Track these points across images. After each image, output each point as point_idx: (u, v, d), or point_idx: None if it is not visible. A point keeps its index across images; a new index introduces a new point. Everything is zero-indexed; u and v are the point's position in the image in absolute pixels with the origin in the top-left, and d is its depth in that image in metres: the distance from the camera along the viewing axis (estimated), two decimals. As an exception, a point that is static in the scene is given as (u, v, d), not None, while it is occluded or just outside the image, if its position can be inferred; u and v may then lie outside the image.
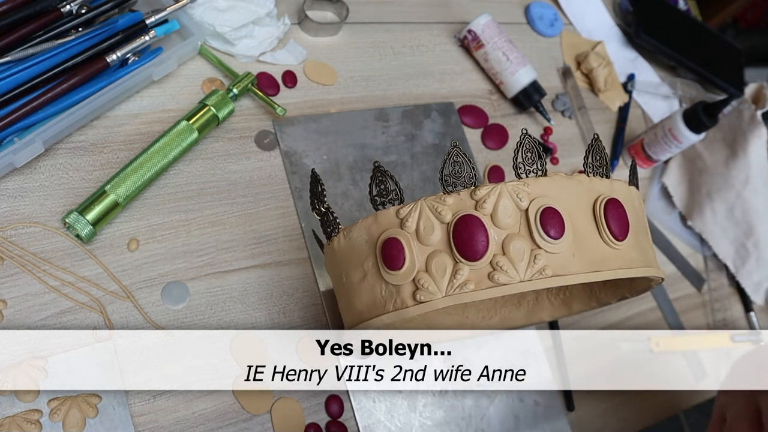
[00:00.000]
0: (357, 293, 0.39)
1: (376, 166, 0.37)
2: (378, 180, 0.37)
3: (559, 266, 0.35)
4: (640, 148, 0.79)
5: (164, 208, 0.52)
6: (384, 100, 0.67)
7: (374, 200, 0.37)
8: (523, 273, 0.34)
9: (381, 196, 0.37)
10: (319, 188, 0.41)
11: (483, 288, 0.34)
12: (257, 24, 0.61)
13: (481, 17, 0.73)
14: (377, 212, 0.37)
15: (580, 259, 0.35)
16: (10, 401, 0.42)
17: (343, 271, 0.40)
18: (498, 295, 0.34)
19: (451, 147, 0.36)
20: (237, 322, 0.51)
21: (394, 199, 0.37)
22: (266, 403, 0.49)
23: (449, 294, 0.35)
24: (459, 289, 0.35)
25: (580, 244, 0.35)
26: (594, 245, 0.36)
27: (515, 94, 0.73)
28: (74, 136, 0.52)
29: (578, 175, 0.37)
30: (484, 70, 0.75)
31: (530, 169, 0.36)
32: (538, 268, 0.34)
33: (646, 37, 0.88)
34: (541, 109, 0.74)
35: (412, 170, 0.64)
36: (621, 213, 0.37)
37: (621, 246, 0.37)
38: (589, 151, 0.38)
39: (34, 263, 0.47)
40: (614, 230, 0.36)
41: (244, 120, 0.59)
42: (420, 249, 0.36)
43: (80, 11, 0.52)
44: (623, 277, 0.37)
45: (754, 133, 0.79)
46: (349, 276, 0.39)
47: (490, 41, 0.73)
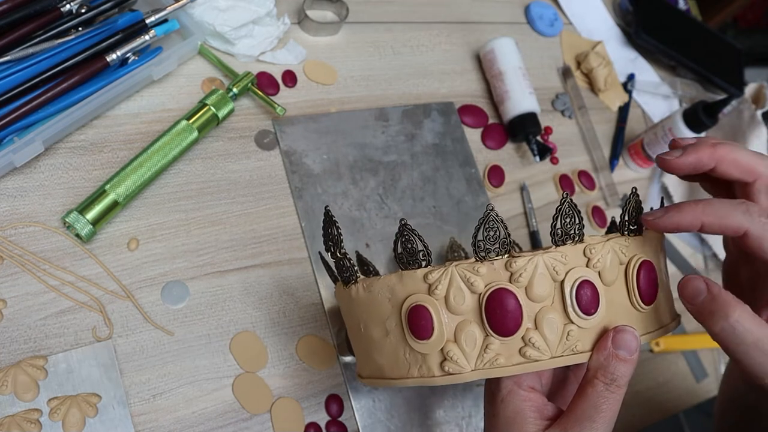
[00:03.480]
0: (377, 348, 0.37)
1: (403, 224, 0.35)
2: (405, 238, 0.35)
3: (589, 341, 0.34)
4: (640, 148, 0.79)
5: (164, 208, 0.52)
6: (384, 100, 0.67)
7: (399, 258, 0.35)
8: (555, 349, 0.33)
9: (408, 255, 0.35)
10: (335, 232, 0.39)
11: (513, 364, 0.34)
12: (257, 23, 0.61)
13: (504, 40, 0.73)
14: (402, 272, 0.35)
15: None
16: (10, 401, 0.42)
17: (361, 321, 0.38)
18: (528, 371, 0.34)
19: (488, 210, 0.34)
20: (237, 321, 0.51)
21: (421, 260, 0.35)
22: (266, 403, 0.49)
23: (478, 368, 0.34)
24: (489, 364, 0.34)
25: (610, 315, 0.35)
26: (624, 312, 0.35)
27: (512, 117, 0.71)
28: (74, 136, 0.52)
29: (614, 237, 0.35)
30: (490, 88, 0.75)
31: (568, 236, 0.34)
32: (570, 345, 0.34)
33: (646, 36, 0.88)
34: (532, 144, 0.70)
35: (412, 170, 0.64)
36: (653, 277, 0.36)
37: (648, 308, 0.36)
38: (626, 209, 0.36)
39: (33, 263, 0.47)
40: (645, 295, 0.35)
41: (244, 119, 0.59)
42: (449, 317, 0.34)
43: (80, 11, 0.52)
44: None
45: (754, 132, 0.80)
46: (368, 328, 0.38)
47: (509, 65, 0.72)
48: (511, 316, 0.33)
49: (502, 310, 0.33)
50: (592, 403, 0.33)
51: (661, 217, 0.34)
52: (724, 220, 0.32)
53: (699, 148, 0.35)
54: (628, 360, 0.33)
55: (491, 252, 0.34)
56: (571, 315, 0.33)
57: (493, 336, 0.33)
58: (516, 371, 0.34)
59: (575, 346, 0.34)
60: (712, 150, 0.35)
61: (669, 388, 0.70)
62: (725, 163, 0.35)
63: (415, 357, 0.35)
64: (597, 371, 0.33)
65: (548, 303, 0.34)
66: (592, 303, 0.34)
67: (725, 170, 0.35)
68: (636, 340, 0.33)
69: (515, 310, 0.33)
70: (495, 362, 0.34)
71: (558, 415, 0.34)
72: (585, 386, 0.33)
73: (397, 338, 0.36)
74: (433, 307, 0.34)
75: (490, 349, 0.34)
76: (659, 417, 0.68)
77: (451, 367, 0.34)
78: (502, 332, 0.33)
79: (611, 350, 0.33)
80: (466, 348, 0.34)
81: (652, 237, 0.38)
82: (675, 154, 0.35)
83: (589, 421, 0.32)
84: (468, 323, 0.34)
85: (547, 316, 0.33)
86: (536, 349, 0.33)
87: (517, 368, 0.34)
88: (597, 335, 0.34)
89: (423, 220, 0.62)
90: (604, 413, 0.33)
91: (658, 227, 0.34)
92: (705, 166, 0.35)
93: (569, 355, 0.34)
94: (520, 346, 0.34)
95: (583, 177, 0.76)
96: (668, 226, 0.34)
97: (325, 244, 0.39)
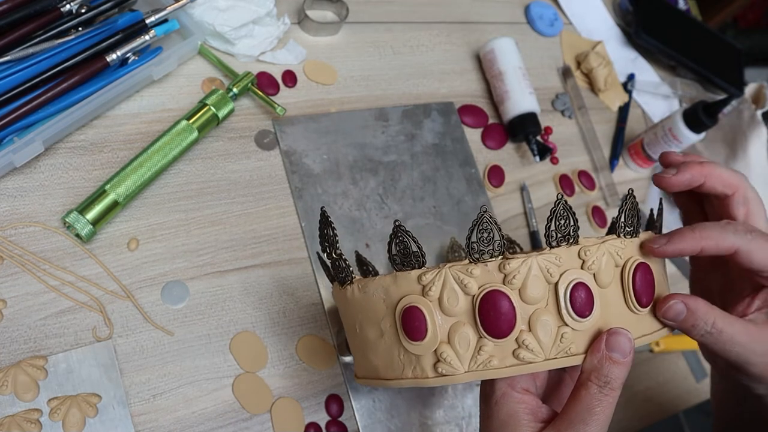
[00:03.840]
0: (372, 349, 0.38)
1: (397, 225, 0.35)
2: (398, 240, 0.35)
3: (583, 343, 0.34)
4: (640, 148, 0.79)
5: (164, 208, 0.52)
6: (384, 100, 0.67)
7: (393, 259, 0.36)
8: (549, 351, 0.33)
9: (402, 257, 0.35)
10: (331, 232, 0.39)
11: (507, 366, 0.34)
12: (257, 23, 0.61)
13: (504, 40, 0.73)
14: (397, 273, 0.35)
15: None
16: (10, 401, 0.42)
17: (357, 321, 0.38)
18: (522, 373, 0.34)
19: (481, 212, 0.34)
20: (237, 321, 0.51)
21: (414, 262, 0.35)
22: (266, 403, 0.49)
23: (472, 370, 0.34)
24: (483, 366, 0.34)
25: (605, 317, 0.35)
26: (618, 314, 0.35)
27: (512, 117, 0.71)
28: (74, 136, 0.52)
29: (609, 239, 0.36)
30: (490, 88, 0.75)
31: (562, 237, 0.34)
32: (564, 347, 0.34)
33: (646, 36, 0.88)
34: (532, 144, 0.70)
35: (411, 170, 0.64)
36: (649, 279, 0.36)
37: (644, 311, 0.36)
38: (622, 210, 0.36)
39: (33, 263, 0.47)
40: (641, 298, 0.35)
41: (244, 119, 0.59)
42: (443, 319, 0.34)
43: (80, 11, 0.52)
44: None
45: (754, 132, 0.80)
46: (363, 328, 0.38)
47: (509, 65, 0.72)
48: (504, 317, 0.33)
49: (495, 312, 0.33)
50: (585, 405, 0.33)
51: (665, 245, 0.36)
52: (720, 242, 0.36)
53: (690, 166, 0.39)
54: (621, 362, 0.33)
55: (485, 254, 0.34)
56: (565, 317, 0.33)
57: (486, 338, 0.33)
58: (509, 373, 0.34)
59: (569, 348, 0.34)
60: (701, 167, 0.39)
61: (669, 388, 0.70)
62: (712, 179, 0.39)
63: (409, 358, 0.36)
64: (591, 374, 0.33)
65: (542, 305, 0.34)
66: (587, 305, 0.34)
67: (711, 185, 0.39)
68: (630, 342, 0.33)
69: (509, 312, 0.33)
70: (488, 364, 0.34)
71: (552, 417, 0.35)
72: (579, 389, 0.34)
73: (391, 339, 0.36)
74: (426, 308, 0.34)
75: (484, 350, 0.34)
76: (659, 417, 0.68)
77: (444, 369, 0.34)
78: (495, 334, 0.33)
79: (605, 352, 0.33)
80: (460, 349, 0.34)
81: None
82: (671, 173, 0.39)
83: (582, 424, 0.33)
84: (461, 325, 0.34)
85: (540, 318, 0.33)
86: (530, 351, 0.33)
87: (511, 370, 0.34)
88: (591, 337, 0.34)
89: (423, 220, 0.62)
90: (597, 416, 0.33)
91: (665, 254, 0.36)
92: (697, 182, 0.39)
93: (563, 358, 0.34)
94: (513, 348, 0.33)
95: (583, 177, 0.76)
96: (673, 253, 0.36)
97: (321, 244, 0.39)
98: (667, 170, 0.39)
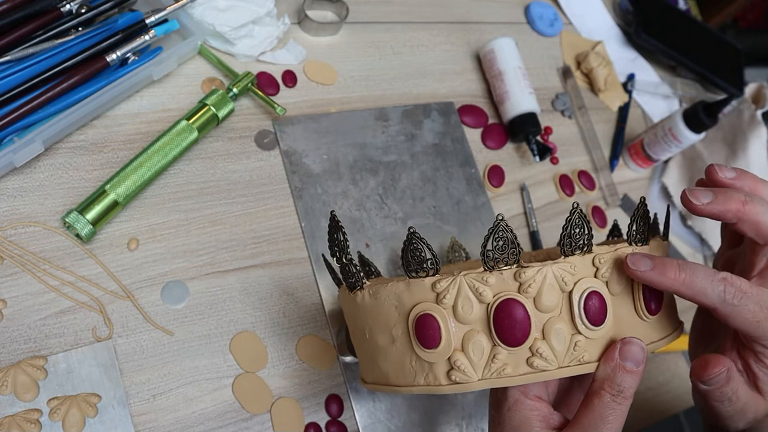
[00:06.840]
0: (383, 355, 0.37)
1: (411, 232, 0.35)
2: (413, 247, 0.35)
3: (596, 351, 0.34)
4: (640, 148, 0.79)
5: (164, 208, 0.52)
6: (384, 100, 0.67)
7: (407, 266, 0.35)
8: (562, 359, 0.34)
9: (416, 263, 0.35)
10: (341, 237, 0.38)
11: (520, 374, 0.34)
12: (257, 23, 0.61)
13: (504, 39, 0.73)
14: (410, 280, 0.35)
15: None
16: (10, 401, 0.42)
17: (366, 327, 0.38)
18: (535, 381, 0.34)
19: (497, 220, 0.33)
20: (237, 321, 0.51)
21: (429, 269, 0.35)
22: (266, 403, 0.49)
23: (485, 377, 0.34)
24: (496, 374, 0.34)
25: (617, 326, 0.35)
26: (630, 322, 0.35)
27: (512, 117, 0.71)
28: (74, 136, 0.52)
29: (621, 246, 0.35)
30: (489, 88, 0.75)
31: (577, 246, 0.34)
32: (577, 355, 0.34)
33: (646, 36, 0.88)
34: (532, 144, 0.70)
35: (411, 170, 0.64)
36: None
37: (653, 318, 0.36)
38: (635, 219, 0.36)
39: (33, 263, 0.47)
40: (650, 306, 0.35)
41: (244, 119, 0.59)
42: (457, 327, 0.34)
43: (80, 11, 0.52)
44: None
45: (754, 132, 0.80)
46: (373, 334, 0.38)
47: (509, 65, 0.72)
48: (519, 326, 0.33)
49: (510, 320, 0.33)
50: (598, 414, 0.33)
51: (646, 271, 0.34)
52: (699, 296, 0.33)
53: (729, 201, 0.34)
54: (634, 372, 0.33)
55: (500, 262, 0.33)
56: (579, 325, 0.34)
57: (500, 346, 0.33)
58: (523, 381, 0.34)
59: (582, 356, 0.34)
60: (740, 207, 0.34)
61: (669, 388, 0.70)
62: (745, 224, 0.35)
63: (422, 365, 0.35)
64: (604, 382, 0.33)
65: (556, 313, 0.34)
66: (600, 314, 0.34)
67: (742, 227, 0.35)
68: (643, 351, 0.34)
69: (523, 320, 0.33)
70: (502, 372, 0.34)
71: (564, 424, 0.35)
72: (591, 397, 0.34)
73: (403, 346, 0.36)
74: (440, 316, 0.34)
75: (498, 358, 0.34)
76: (659, 417, 0.68)
77: (458, 377, 0.34)
78: (509, 342, 0.33)
79: (618, 362, 0.33)
80: (474, 357, 0.34)
81: (658, 246, 0.38)
82: (704, 200, 0.34)
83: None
84: (476, 333, 0.34)
85: (554, 327, 0.33)
86: (543, 360, 0.33)
87: (524, 378, 0.34)
88: (604, 346, 0.34)
89: (423, 220, 0.62)
90: (610, 424, 0.33)
91: (642, 280, 0.34)
92: (728, 220, 0.35)
93: (576, 366, 0.34)
94: (527, 356, 0.34)
95: (583, 177, 0.76)
96: (650, 282, 0.34)
97: (330, 249, 0.39)
98: (702, 192, 0.35)
